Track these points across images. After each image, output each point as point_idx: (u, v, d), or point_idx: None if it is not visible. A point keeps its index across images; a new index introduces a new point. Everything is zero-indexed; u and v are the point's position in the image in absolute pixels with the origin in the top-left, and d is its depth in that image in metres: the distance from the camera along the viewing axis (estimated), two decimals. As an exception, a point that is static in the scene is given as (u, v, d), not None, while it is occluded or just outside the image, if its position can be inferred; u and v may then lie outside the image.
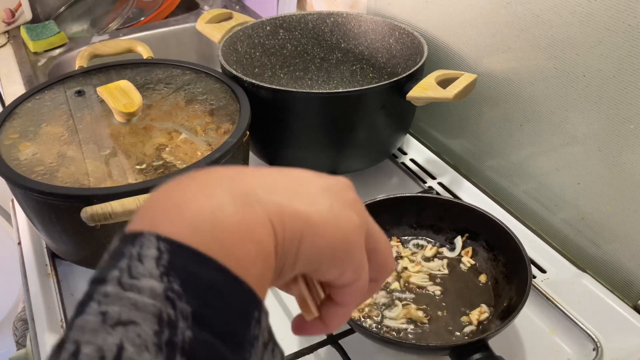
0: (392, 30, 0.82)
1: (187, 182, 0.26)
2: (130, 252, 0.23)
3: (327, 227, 0.28)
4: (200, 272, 0.23)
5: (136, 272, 0.22)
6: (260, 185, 0.27)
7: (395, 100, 0.68)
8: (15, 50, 1.20)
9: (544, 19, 0.62)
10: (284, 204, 0.27)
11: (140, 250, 0.23)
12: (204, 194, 0.25)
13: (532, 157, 0.71)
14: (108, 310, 0.21)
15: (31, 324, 0.61)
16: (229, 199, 0.25)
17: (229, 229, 0.24)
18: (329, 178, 0.31)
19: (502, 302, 0.56)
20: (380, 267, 0.32)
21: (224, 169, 0.28)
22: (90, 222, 0.50)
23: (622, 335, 0.57)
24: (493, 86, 0.73)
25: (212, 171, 0.27)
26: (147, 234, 0.23)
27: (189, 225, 0.24)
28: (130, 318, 0.21)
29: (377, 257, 0.31)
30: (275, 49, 0.87)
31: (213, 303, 0.22)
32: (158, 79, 0.71)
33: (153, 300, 0.21)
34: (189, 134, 0.62)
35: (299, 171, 0.31)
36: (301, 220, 0.27)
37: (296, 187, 0.28)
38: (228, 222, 0.24)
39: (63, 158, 0.58)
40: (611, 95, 0.57)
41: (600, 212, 0.63)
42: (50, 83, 0.69)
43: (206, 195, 0.25)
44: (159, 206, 0.25)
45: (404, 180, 0.80)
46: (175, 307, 0.21)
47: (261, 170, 0.29)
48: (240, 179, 0.27)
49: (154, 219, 0.24)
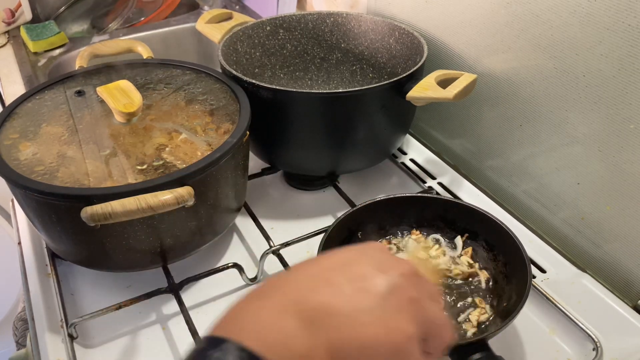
0: (392, 30, 0.82)
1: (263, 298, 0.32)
2: (215, 356, 0.27)
3: (380, 347, 0.31)
4: None
5: None
6: (324, 305, 0.31)
7: (395, 100, 0.68)
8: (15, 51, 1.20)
9: (544, 19, 0.62)
10: (342, 331, 0.31)
11: (223, 357, 0.27)
12: (278, 313, 0.30)
13: (532, 157, 0.71)
14: None
15: (31, 324, 0.61)
16: (298, 325, 0.30)
17: (295, 352, 0.29)
18: (388, 274, 0.34)
19: (502, 302, 0.56)
20: (437, 346, 0.36)
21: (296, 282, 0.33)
22: (90, 222, 0.50)
23: (622, 335, 0.57)
24: (493, 86, 0.73)
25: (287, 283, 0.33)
26: (230, 342, 0.28)
27: (264, 344, 0.28)
28: None
29: (434, 341, 0.35)
30: (275, 49, 0.87)
31: None
32: (158, 79, 0.71)
33: None
34: (189, 134, 0.62)
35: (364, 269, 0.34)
36: (356, 345, 0.31)
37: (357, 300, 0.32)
38: (295, 347, 0.29)
39: (63, 158, 0.58)
40: (611, 95, 0.57)
41: (600, 212, 0.63)
42: (50, 83, 0.69)
43: (280, 317, 0.30)
44: (241, 318, 0.30)
45: (404, 180, 0.80)
46: None
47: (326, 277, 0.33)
48: (308, 299, 0.32)
49: (235, 329, 0.29)
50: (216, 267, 0.64)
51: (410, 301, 0.34)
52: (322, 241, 0.58)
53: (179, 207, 0.52)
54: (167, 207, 0.51)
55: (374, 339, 0.31)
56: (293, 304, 0.31)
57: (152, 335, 0.59)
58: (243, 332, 0.29)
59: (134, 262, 0.60)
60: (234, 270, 0.63)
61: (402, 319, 0.33)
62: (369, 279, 0.34)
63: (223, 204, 0.62)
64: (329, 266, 0.34)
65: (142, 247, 0.58)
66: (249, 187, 0.72)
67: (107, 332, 0.59)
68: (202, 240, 0.63)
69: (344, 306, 0.32)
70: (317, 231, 0.66)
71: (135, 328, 0.60)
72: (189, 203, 0.53)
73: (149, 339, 0.59)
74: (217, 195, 0.60)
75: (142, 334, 0.59)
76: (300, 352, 0.29)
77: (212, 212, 0.61)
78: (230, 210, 0.65)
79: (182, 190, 0.52)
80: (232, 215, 0.67)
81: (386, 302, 0.33)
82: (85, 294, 0.64)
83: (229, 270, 0.63)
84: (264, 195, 0.79)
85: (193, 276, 0.62)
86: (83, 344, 0.58)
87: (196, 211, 0.58)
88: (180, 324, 0.59)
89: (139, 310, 0.61)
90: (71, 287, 0.65)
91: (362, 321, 0.32)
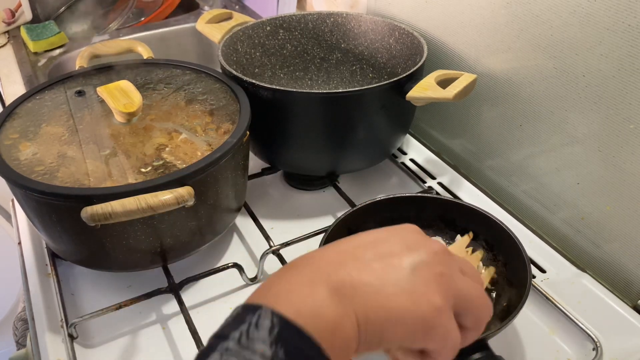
0: (392, 30, 0.82)
1: (297, 270, 0.34)
2: (250, 320, 0.29)
3: (407, 317, 0.32)
4: (301, 347, 0.29)
5: (253, 336, 0.28)
6: (353, 278, 0.33)
7: (395, 100, 0.68)
8: (15, 51, 1.20)
9: (544, 19, 0.62)
10: (369, 300, 0.32)
11: (258, 320, 0.29)
12: (309, 284, 0.32)
13: (532, 157, 0.71)
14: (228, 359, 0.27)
15: (31, 323, 0.61)
16: (327, 295, 0.31)
17: (324, 319, 0.30)
18: (417, 251, 0.35)
19: (502, 302, 0.56)
20: (474, 321, 0.36)
21: (326, 256, 0.34)
22: (90, 222, 0.50)
23: (622, 335, 0.57)
24: (493, 86, 0.73)
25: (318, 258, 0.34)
26: (265, 308, 0.29)
27: (296, 311, 0.30)
28: None
29: (469, 315, 0.36)
30: (275, 49, 0.87)
31: None
32: (158, 79, 0.71)
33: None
34: (189, 134, 0.62)
35: (393, 247, 0.35)
36: (383, 314, 0.32)
37: (384, 274, 0.33)
38: (324, 315, 0.31)
39: (63, 158, 0.58)
40: (611, 95, 0.57)
41: (600, 212, 0.63)
42: (50, 83, 0.69)
43: (310, 287, 0.32)
44: (274, 288, 0.32)
45: (404, 180, 0.80)
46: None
47: (355, 253, 0.35)
48: (338, 272, 0.33)
49: (271, 298, 0.31)
50: (216, 267, 0.64)
51: (440, 275, 0.34)
52: (322, 241, 0.58)
53: (179, 207, 0.52)
54: (167, 207, 0.51)
55: (400, 309, 0.32)
56: (323, 276, 0.33)
57: (152, 335, 0.59)
58: (277, 300, 0.30)
59: (134, 262, 0.60)
60: (234, 270, 0.63)
61: (430, 291, 0.33)
62: (397, 256, 0.35)
63: (223, 204, 0.62)
64: (359, 244, 0.36)
65: (142, 247, 0.58)
66: (249, 187, 0.72)
67: (107, 332, 0.59)
68: (202, 240, 0.63)
69: (371, 279, 0.33)
70: (317, 231, 0.66)
71: (135, 328, 0.60)
72: (189, 203, 0.53)
73: (149, 339, 0.59)
74: (217, 195, 0.60)
75: (142, 334, 0.59)
76: (329, 320, 0.30)
77: (212, 212, 0.61)
78: (230, 210, 0.65)
79: (182, 190, 0.52)
80: (232, 215, 0.68)
81: (414, 276, 0.34)
82: (85, 294, 0.64)
83: (229, 270, 0.63)
84: (264, 195, 0.79)
85: (193, 276, 0.62)
86: (83, 344, 0.58)
87: (196, 211, 0.58)
88: (180, 324, 0.59)
89: (139, 310, 0.61)
90: (71, 287, 0.65)
91: (389, 292, 0.33)
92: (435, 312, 0.33)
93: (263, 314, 0.29)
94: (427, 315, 0.33)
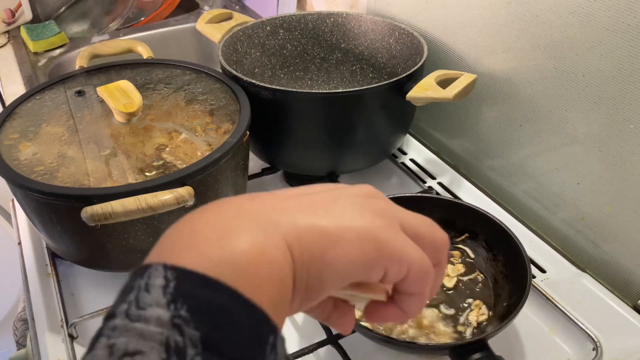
0: (392, 31, 0.82)
1: (198, 214, 0.27)
2: (139, 284, 0.23)
3: (346, 236, 0.27)
4: (208, 296, 0.22)
5: (143, 302, 0.22)
6: (272, 208, 0.27)
7: (395, 100, 0.68)
8: (15, 51, 1.20)
9: (544, 19, 0.62)
10: (298, 221, 0.26)
11: (148, 281, 0.23)
12: (214, 222, 0.25)
13: (532, 157, 0.71)
14: (115, 342, 0.21)
15: (31, 323, 0.61)
16: (239, 224, 0.25)
17: (240, 252, 0.24)
18: (344, 188, 0.30)
19: (502, 302, 0.56)
20: (433, 247, 0.31)
21: (235, 198, 0.28)
22: (90, 222, 0.50)
23: (622, 335, 0.57)
24: (493, 86, 0.73)
25: (223, 202, 0.27)
26: (155, 265, 0.23)
27: (199, 254, 0.24)
28: (137, 348, 0.20)
29: (424, 241, 0.30)
30: (275, 49, 0.87)
31: (223, 327, 0.22)
32: (158, 79, 0.71)
33: (160, 328, 0.21)
34: (189, 134, 0.62)
35: (316, 186, 0.30)
36: (317, 233, 0.26)
37: (311, 202, 0.28)
38: (238, 246, 0.24)
39: (63, 158, 0.58)
40: (611, 95, 0.57)
41: (600, 212, 0.63)
42: (50, 83, 0.69)
43: (216, 224, 0.25)
44: (169, 240, 0.26)
45: (404, 180, 0.80)
46: (183, 333, 0.21)
47: (273, 193, 0.29)
48: (251, 205, 0.27)
49: (164, 251, 0.25)
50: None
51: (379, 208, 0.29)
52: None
53: (179, 207, 0.52)
54: (167, 207, 0.51)
55: (338, 226, 0.27)
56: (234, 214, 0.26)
57: (152, 335, 0.59)
58: (172, 252, 0.24)
59: (134, 262, 0.60)
60: (234, 270, 0.63)
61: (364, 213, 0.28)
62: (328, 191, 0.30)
63: (223, 204, 0.62)
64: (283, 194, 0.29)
65: (142, 247, 0.58)
66: (249, 187, 0.72)
67: (107, 332, 0.59)
68: (202, 240, 0.63)
69: (294, 207, 0.27)
70: (317, 231, 0.66)
71: (135, 328, 0.60)
72: (189, 203, 0.53)
73: (149, 339, 0.59)
74: (217, 195, 0.60)
75: (142, 334, 0.59)
76: (245, 252, 0.24)
77: (212, 212, 0.61)
78: (230, 210, 0.65)
79: (182, 190, 0.52)
80: (232, 215, 0.67)
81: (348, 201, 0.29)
82: (86, 294, 0.64)
83: (229, 270, 0.63)
84: (264, 195, 0.78)
85: (193, 276, 0.62)
86: (83, 344, 0.58)
87: (196, 211, 0.58)
88: (180, 324, 0.59)
89: (139, 310, 0.61)
90: (71, 287, 0.65)
91: (320, 214, 0.27)
92: (379, 227, 0.28)
93: (153, 272, 0.23)
94: (372, 229, 0.27)
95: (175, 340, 0.21)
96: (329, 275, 0.27)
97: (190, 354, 0.21)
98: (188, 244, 0.24)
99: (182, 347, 0.21)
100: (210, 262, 0.23)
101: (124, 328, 0.21)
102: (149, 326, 0.21)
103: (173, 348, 0.20)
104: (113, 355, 0.20)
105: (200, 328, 0.21)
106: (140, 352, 0.20)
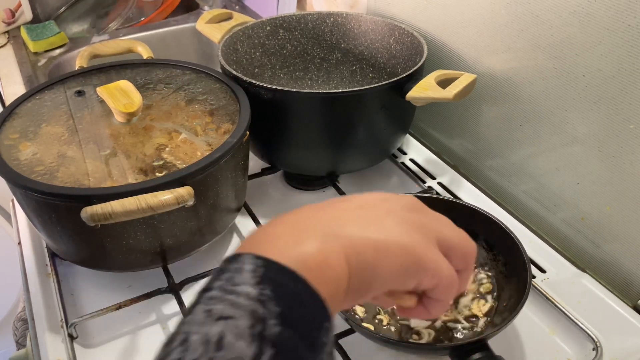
0: (392, 30, 0.82)
1: (280, 221, 0.34)
2: (233, 267, 0.29)
3: (395, 247, 0.33)
4: (287, 282, 0.28)
5: (236, 280, 0.28)
6: (335, 221, 0.33)
7: (395, 100, 0.68)
8: (15, 51, 1.20)
9: (544, 19, 0.62)
10: (355, 235, 0.33)
11: (241, 265, 0.29)
12: (291, 230, 0.33)
13: (532, 157, 0.71)
14: (212, 308, 0.27)
15: (31, 323, 0.61)
16: (309, 235, 0.32)
17: (309, 256, 0.31)
18: (394, 200, 0.37)
19: (502, 302, 0.56)
20: (462, 256, 0.37)
21: (307, 210, 0.35)
22: (90, 222, 0.50)
23: (622, 335, 0.57)
24: (493, 86, 0.73)
25: (298, 214, 0.35)
26: (246, 254, 0.30)
27: (279, 251, 0.30)
28: (230, 314, 0.26)
29: (456, 251, 0.37)
30: (275, 49, 0.87)
31: (296, 307, 0.28)
32: (158, 79, 0.71)
33: (249, 301, 0.27)
34: (189, 134, 0.62)
35: (368, 197, 0.37)
36: (371, 247, 0.33)
37: (366, 215, 0.35)
38: (308, 252, 0.31)
39: (63, 158, 0.58)
40: (611, 95, 0.57)
41: (600, 212, 0.63)
42: (50, 83, 0.69)
43: (293, 232, 0.32)
44: (256, 238, 0.33)
45: (404, 180, 0.80)
46: (266, 307, 0.27)
47: (336, 205, 0.36)
48: (318, 219, 0.34)
49: (252, 246, 0.31)
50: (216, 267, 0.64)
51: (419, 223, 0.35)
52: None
53: (179, 207, 0.52)
54: (167, 207, 0.51)
55: (387, 240, 0.33)
56: (305, 225, 0.33)
57: (152, 335, 0.59)
58: (259, 247, 0.31)
59: (134, 262, 0.60)
60: (234, 270, 0.63)
61: (411, 229, 0.34)
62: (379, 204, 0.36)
63: (223, 204, 0.62)
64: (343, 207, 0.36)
65: (142, 247, 0.58)
66: (249, 187, 0.72)
67: (107, 332, 0.59)
68: (202, 240, 0.63)
69: (352, 220, 0.34)
70: (317, 231, 0.66)
71: (135, 328, 0.60)
72: (189, 203, 0.53)
73: (149, 339, 0.59)
74: (217, 195, 0.60)
75: (142, 334, 0.59)
76: (314, 255, 0.31)
77: (212, 212, 0.61)
78: (230, 210, 0.65)
79: (182, 190, 0.52)
80: (232, 215, 0.68)
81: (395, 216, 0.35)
82: (85, 294, 0.64)
83: (229, 270, 0.63)
84: (264, 195, 0.79)
85: (193, 276, 0.62)
86: (83, 344, 0.58)
87: (196, 211, 0.58)
88: (180, 324, 0.59)
89: (139, 310, 0.61)
90: (71, 287, 0.65)
91: (372, 229, 0.34)
92: (419, 245, 0.34)
93: (246, 259, 0.29)
94: (414, 247, 0.34)
95: (260, 311, 0.26)
96: (376, 282, 0.33)
97: (270, 323, 0.26)
98: (272, 243, 0.31)
99: (264, 318, 0.26)
100: (288, 259, 0.29)
101: (219, 298, 0.27)
102: (239, 299, 0.27)
103: (258, 317, 0.26)
104: (211, 317, 0.26)
105: (280, 305, 0.27)
106: (232, 317, 0.26)
